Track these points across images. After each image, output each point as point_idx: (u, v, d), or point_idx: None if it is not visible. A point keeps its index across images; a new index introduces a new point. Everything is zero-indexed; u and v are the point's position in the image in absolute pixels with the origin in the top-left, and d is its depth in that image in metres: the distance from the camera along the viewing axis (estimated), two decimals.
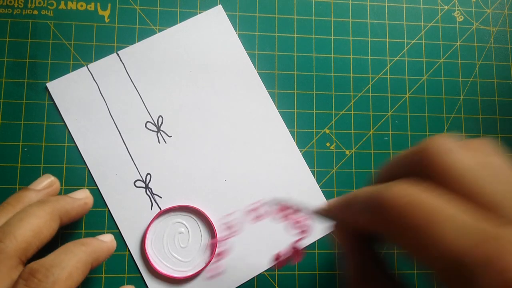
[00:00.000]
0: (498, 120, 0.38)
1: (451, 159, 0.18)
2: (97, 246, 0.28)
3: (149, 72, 0.35)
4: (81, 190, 0.32)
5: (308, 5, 0.38)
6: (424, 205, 0.17)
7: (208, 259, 0.33)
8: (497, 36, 0.39)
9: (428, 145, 0.19)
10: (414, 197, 0.18)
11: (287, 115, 0.36)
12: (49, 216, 0.27)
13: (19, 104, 0.34)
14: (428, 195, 0.18)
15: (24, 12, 0.35)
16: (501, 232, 0.16)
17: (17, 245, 0.25)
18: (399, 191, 0.18)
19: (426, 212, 0.17)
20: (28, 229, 0.26)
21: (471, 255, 0.16)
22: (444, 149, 0.19)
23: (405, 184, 0.19)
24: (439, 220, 0.17)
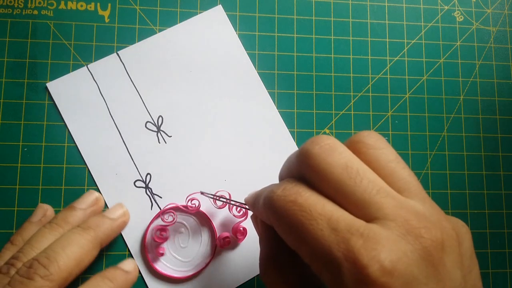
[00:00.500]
0: (498, 120, 0.38)
1: (320, 162, 0.20)
2: (123, 282, 0.28)
3: (149, 72, 0.35)
4: (117, 206, 0.32)
5: (308, 5, 0.38)
6: (301, 204, 0.19)
7: (208, 259, 0.33)
8: (497, 36, 0.39)
9: (302, 149, 0.21)
10: (294, 197, 0.19)
11: (287, 115, 0.36)
12: (92, 245, 0.28)
13: (19, 104, 0.34)
14: (307, 194, 0.19)
15: (24, 12, 0.35)
16: (365, 229, 0.17)
17: (60, 274, 0.25)
18: (283, 191, 0.20)
19: (303, 211, 0.18)
20: (72, 258, 0.26)
21: (338, 250, 0.17)
22: (314, 153, 0.20)
23: (289, 184, 0.20)
24: (312, 218, 0.18)
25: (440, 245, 0.18)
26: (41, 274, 0.25)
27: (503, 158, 0.38)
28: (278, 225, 0.20)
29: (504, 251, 0.36)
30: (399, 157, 0.21)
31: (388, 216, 0.18)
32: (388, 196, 0.19)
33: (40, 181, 0.33)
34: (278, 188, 0.20)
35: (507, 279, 0.36)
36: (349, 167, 0.19)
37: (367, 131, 0.22)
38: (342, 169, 0.19)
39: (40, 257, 0.25)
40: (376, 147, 0.21)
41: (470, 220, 0.36)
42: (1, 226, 0.32)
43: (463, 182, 0.37)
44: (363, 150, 0.21)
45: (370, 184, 0.19)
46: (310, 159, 0.20)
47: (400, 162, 0.21)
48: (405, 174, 0.20)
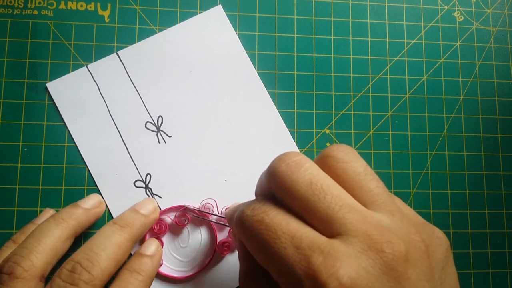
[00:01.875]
0: (498, 120, 0.38)
1: (286, 180, 0.20)
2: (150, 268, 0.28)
3: (149, 72, 0.35)
4: (148, 201, 0.32)
5: (308, 5, 0.38)
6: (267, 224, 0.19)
7: (208, 259, 0.33)
8: (497, 36, 0.39)
9: (270, 167, 0.21)
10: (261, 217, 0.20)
11: (287, 115, 0.36)
12: (129, 244, 0.28)
13: (19, 104, 0.34)
14: (273, 213, 0.20)
15: (24, 12, 0.35)
16: (326, 246, 0.18)
17: (103, 278, 0.25)
18: (251, 211, 0.20)
19: (269, 230, 0.19)
20: (112, 259, 0.26)
21: (300, 268, 0.17)
22: (280, 170, 0.20)
23: (258, 204, 0.20)
24: (276, 237, 0.19)
25: (403, 258, 0.18)
26: (85, 280, 0.24)
27: (503, 158, 0.38)
28: (248, 244, 0.20)
29: (504, 251, 0.36)
30: (369, 169, 0.21)
31: (350, 231, 0.18)
32: (352, 211, 0.19)
33: (40, 181, 0.33)
34: (247, 208, 0.21)
35: (507, 279, 0.36)
36: (314, 184, 0.19)
37: (336, 145, 0.22)
38: (307, 185, 0.19)
39: (83, 260, 0.25)
40: (344, 161, 0.21)
41: (470, 220, 0.36)
42: (1, 226, 0.32)
43: (463, 182, 0.37)
44: (331, 164, 0.21)
45: (333, 200, 0.19)
46: (276, 177, 0.20)
47: (368, 174, 0.21)
48: (372, 187, 0.20)
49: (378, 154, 0.36)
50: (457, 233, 0.36)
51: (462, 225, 0.36)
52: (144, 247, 0.30)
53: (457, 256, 0.36)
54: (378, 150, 0.36)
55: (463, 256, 0.36)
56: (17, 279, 0.24)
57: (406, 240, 0.18)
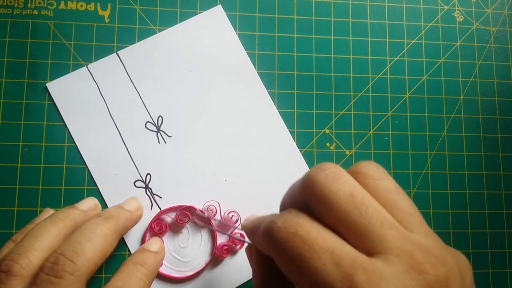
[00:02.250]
0: (498, 120, 0.38)
1: (324, 190, 0.19)
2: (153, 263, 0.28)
3: (149, 72, 0.35)
4: (132, 200, 0.32)
5: (308, 5, 0.38)
6: (303, 237, 0.18)
7: (208, 259, 0.33)
8: (497, 36, 0.39)
9: (307, 176, 0.20)
10: (295, 229, 0.19)
11: (287, 115, 0.36)
12: (114, 235, 0.27)
13: (19, 104, 0.34)
14: (308, 226, 0.19)
15: (24, 12, 0.35)
16: (369, 265, 0.17)
17: (88, 267, 0.25)
18: (284, 223, 0.19)
19: (304, 243, 0.18)
20: (98, 250, 0.25)
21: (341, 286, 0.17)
22: (318, 180, 0.19)
23: (290, 215, 0.19)
24: (314, 251, 0.18)
25: (445, 281, 0.17)
26: (70, 270, 0.24)
27: (503, 158, 0.38)
28: (278, 257, 0.19)
29: (504, 251, 0.36)
30: (400, 188, 0.21)
31: (392, 250, 0.17)
32: (393, 228, 0.18)
33: (40, 181, 0.33)
34: (279, 219, 0.20)
35: (507, 279, 0.36)
36: (354, 196, 0.19)
37: (366, 162, 0.21)
38: (347, 197, 0.19)
39: (66, 251, 0.24)
40: (375, 178, 0.20)
41: (470, 220, 0.36)
42: (1, 226, 0.32)
43: (463, 182, 0.37)
44: (361, 181, 0.20)
45: (375, 214, 0.18)
46: (314, 186, 0.19)
47: (400, 193, 0.20)
48: (405, 205, 0.20)
49: (378, 154, 0.36)
50: (457, 233, 0.36)
51: (462, 225, 0.36)
52: (148, 244, 0.30)
53: None
54: (378, 150, 0.36)
55: None
56: (14, 276, 0.24)
57: (443, 262, 0.18)
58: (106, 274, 0.32)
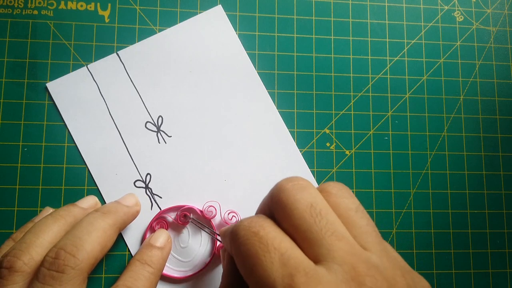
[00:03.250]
0: (498, 120, 0.38)
1: (289, 197, 0.21)
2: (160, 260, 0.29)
3: (149, 72, 0.35)
4: (130, 196, 0.32)
5: (308, 5, 0.38)
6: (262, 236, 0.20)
7: (208, 259, 0.33)
8: (497, 36, 0.39)
9: (277, 184, 0.22)
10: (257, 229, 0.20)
11: (287, 115, 0.36)
12: (113, 229, 0.28)
13: (19, 104, 0.34)
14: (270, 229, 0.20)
15: (24, 12, 0.35)
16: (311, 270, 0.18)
17: (89, 261, 0.25)
18: (249, 223, 0.21)
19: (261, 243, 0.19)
20: (97, 244, 0.26)
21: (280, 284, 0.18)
22: (285, 188, 0.21)
23: (257, 218, 0.21)
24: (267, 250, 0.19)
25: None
26: (71, 265, 0.24)
27: (503, 158, 0.38)
28: (236, 254, 0.21)
29: (504, 251, 0.36)
30: (361, 207, 0.22)
31: (336, 259, 0.18)
32: (343, 240, 0.19)
33: (40, 181, 0.33)
34: (246, 220, 0.21)
35: (507, 279, 0.36)
36: (313, 207, 0.20)
37: (332, 182, 0.23)
38: (306, 206, 0.20)
39: (66, 245, 0.25)
40: (338, 196, 0.22)
41: (470, 220, 0.36)
42: (1, 226, 0.32)
43: (463, 182, 0.37)
44: (325, 198, 0.22)
45: (327, 225, 0.20)
46: (280, 193, 0.21)
47: (360, 212, 0.22)
48: (363, 223, 0.21)
49: (378, 154, 0.36)
50: (457, 233, 0.36)
51: (462, 225, 0.36)
52: (154, 238, 0.30)
53: (457, 256, 0.36)
54: (378, 150, 0.36)
55: (463, 256, 0.36)
56: (17, 272, 0.24)
57: (390, 281, 0.19)
58: (107, 274, 0.32)
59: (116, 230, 0.28)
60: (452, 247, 0.36)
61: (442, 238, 0.36)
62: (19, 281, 0.24)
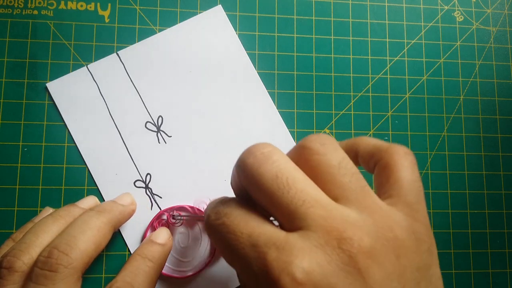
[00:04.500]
0: (498, 120, 0.38)
1: (253, 173, 0.20)
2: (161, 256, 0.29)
3: (149, 72, 0.35)
4: (126, 195, 0.32)
5: (308, 5, 0.38)
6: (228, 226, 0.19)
7: (208, 259, 0.33)
8: (497, 36, 0.39)
9: (239, 159, 0.21)
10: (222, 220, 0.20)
11: (287, 115, 0.36)
12: (107, 228, 0.27)
13: (19, 104, 0.34)
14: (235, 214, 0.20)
15: (24, 12, 0.35)
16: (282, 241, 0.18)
17: (82, 260, 0.25)
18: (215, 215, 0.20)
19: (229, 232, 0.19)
20: (91, 242, 0.25)
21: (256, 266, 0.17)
22: (247, 163, 0.20)
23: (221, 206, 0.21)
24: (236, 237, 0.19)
25: (365, 254, 0.17)
26: (64, 263, 0.24)
27: (503, 158, 0.38)
28: (217, 247, 0.21)
29: (504, 251, 0.36)
30: (344, 163, 0.20)
31: (311, 227, 0.18)
32: (315, 206, 0.18)
33: (40, 181, 0.33)
34: (212, 212, 0.21)
35: (507, 279, 0.36)
36: (279, 177, 0.19)
37: (315, 135, 0.21)
38: (272, 179, 0.19)
39: (59, 244, 0.24)
40: (319, 153, 0.20)
41: (470, 220, 0.36)
42: (1, 226, 0.32)
43: (463, 182, 0.37)
44: (306, 157, 0.20)
45: (297, 195, 0.19)
46: (244, 170, 0.20)
47: (342, 168, 0.20)
48: (345, 181, 0.20)
49: None
50: (457, 233, 0.36)
51: (462, 225, 0.36)
52: (155, 235, 0.30)
53: (457, 256, 0.36)
54: None
55: (463, 256, 0.36)
56: (16, 272, 0.24)
57: (374, 236, 0.18)
58: (106, 274, 0.32)
59: (111, 228, 0.28)
60: (452, 247, 0.36)
61: (442, 238, 0.36)
62: (19, 281, 0.24)
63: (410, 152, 0.22)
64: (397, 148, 0.22)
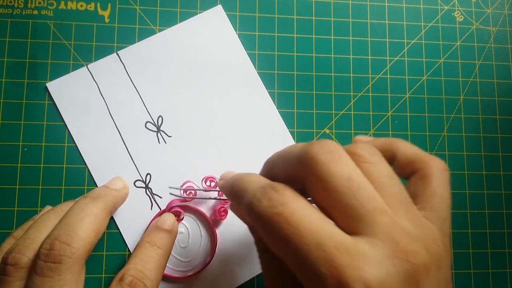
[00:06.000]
0: (498, 120, 0.38)
1: (324, 170, 0.19)
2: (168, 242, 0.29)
3: (149, 72, 0.35)
4: (117, 179, 0.32)
5: (308, 5, 0.38)
6: (288, 218, 0.18)
7: (208, 259, 0.33)
8: (497, 36, 0.39)
9: (307, 152, 0.20)
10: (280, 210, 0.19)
11: (287, 115, 0.36)
12: (104, 214, 0.27)
13: (19, 104, 0.34)
14: (294, 206, 0.19)
15: (24, 12, 0.35)
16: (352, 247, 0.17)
17: (84, 248, 0.25)
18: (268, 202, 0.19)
19: (289, 225, 0.18)
20: (91, 229, 0.26)
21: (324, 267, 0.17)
22: (319, 159, 0.19)
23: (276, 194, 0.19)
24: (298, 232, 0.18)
25: (425, 269, 0.18)
26: (68, 254, 0.24)
27: (503, 158, 0.38)
28: (264, 235, 0.19)
29: (504, 251, 0.36)
30: (393, 173, 0.21)
31: (378, 235, 0.18)
32: (383, 214, 0.18)
33: (40, 181, 0.33)
34: (263, 197, 0.19)
35: (507, 279, 0.36)
36: (351, 180, 0.19)
37: (363, 144, 0.21)
38: (344, 180, 0.19)
39: (60, 235, 0.24)
40: (370, 161, 0.21)
41: (470, 220, 0.36)
42: (1, 226, 0.32)
43: (463, 182, 0.37)
44: (356, 163, 0.20)
45: (368, 199, 0.19)
46: (314, 165, 0.19)
47: (392, 179, 0.21)
48: (395, 191, 0.20)
49: None
50: (457, 233, 0.36)
51: (462, 225, 0.36)
52: (162, 221, 0.30)
53: (457, 256, 0.36)
54: None
55: (463, 256, 0.36)
56: (22, 269, 0.24)
57: (428, 250, 0.18)
58: (106, 274, 0.32)
59: (108, 214, 0.28)
60: (452, 247, 0.36)
61: None
62: (25, 277, 0.24)
63: (447, 169, 0.24)
64: (438, 163, 0.23)
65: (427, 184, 0.22)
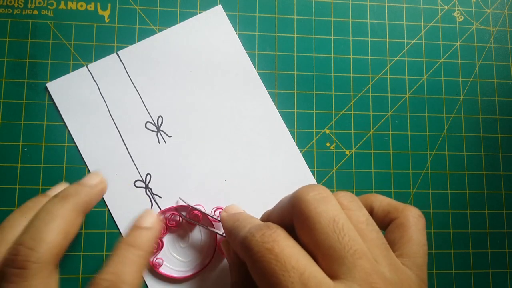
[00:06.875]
0: (498, 120, 0.38)
1: (311, 210, 0.21)
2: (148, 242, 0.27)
3: (149, 72, 0.35)
4: (93, 174, 0.29)
5: (308, 5, 0.38)
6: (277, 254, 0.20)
7: (208, 259, 0.33)
8: (497, 36, 0.39)
9: (296, 193, 0.22)
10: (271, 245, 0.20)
11: (287, 115, 0.36)
12: (74, 214, 0.26)
13: (19, 104, 0.34)
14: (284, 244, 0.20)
15: (24, 12, 0.35)
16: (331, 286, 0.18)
17: (51, 252, 0.23)
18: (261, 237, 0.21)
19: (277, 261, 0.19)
20: (57, 232, 0.24)
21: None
22: (307, 199, 0.21)
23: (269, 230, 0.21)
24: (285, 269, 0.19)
25: None
26: (33, 259, 0.22)
27: (503, 158, 0.38)
28: (252, 268, 0.20)
29: (504, 251, 0.36)
30: (370, 219, 0.22)
31: (357, 280, 0.19)
32: (363, 258, 0.19)
33: (40, 181, 0.33)
34: (257, 232, 0.21)
35: (507, 279, 0.36)
36: (336, 221, 0.20)
37: (342, 192, 0.23)
38: (329, 221, 0.20)
39: (25, 240, 0.23)
40: (348, 208, 0.22)
41: (470, 220, 0.36)
42: None
43: (463, 182, 0.37)
44: None
45: (350, 243, 0.20)
46: (301, 204, 0.21)
47: (370, 224, 0.22)
48: (373, 236, 0.21)
49: (378, 154, 0.36)
50: (457, 233, 0.36)
51: (462, 225, 0.36)
52: (139, 220, 0.27)
53: (457, 256, 0.36)
54: (378, 150, 0.36)
55: (463, 256, 0.36)
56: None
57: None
58: None
59: (78, 213, 0.26)
60: (452, 247, 0.36)
61: (442, 238, 0.36)
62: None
63: (422, 216, 0.25)
64: (412, 211, 0.25)
65: (403, 232, 0.24)
